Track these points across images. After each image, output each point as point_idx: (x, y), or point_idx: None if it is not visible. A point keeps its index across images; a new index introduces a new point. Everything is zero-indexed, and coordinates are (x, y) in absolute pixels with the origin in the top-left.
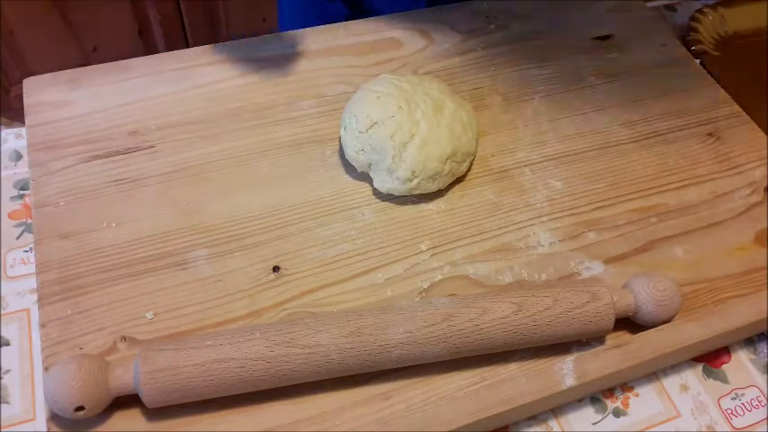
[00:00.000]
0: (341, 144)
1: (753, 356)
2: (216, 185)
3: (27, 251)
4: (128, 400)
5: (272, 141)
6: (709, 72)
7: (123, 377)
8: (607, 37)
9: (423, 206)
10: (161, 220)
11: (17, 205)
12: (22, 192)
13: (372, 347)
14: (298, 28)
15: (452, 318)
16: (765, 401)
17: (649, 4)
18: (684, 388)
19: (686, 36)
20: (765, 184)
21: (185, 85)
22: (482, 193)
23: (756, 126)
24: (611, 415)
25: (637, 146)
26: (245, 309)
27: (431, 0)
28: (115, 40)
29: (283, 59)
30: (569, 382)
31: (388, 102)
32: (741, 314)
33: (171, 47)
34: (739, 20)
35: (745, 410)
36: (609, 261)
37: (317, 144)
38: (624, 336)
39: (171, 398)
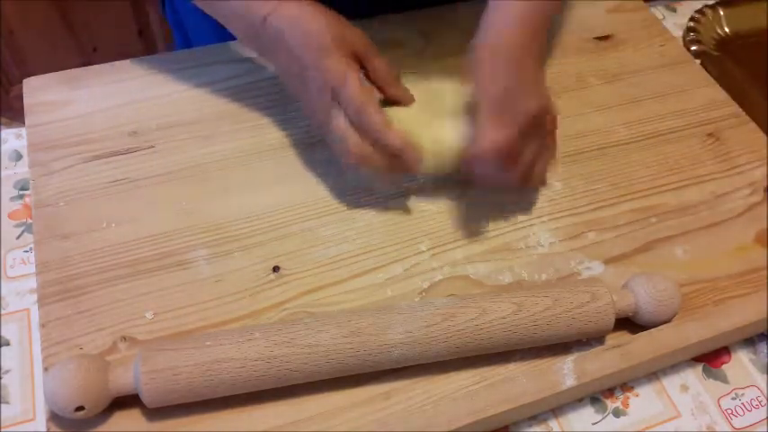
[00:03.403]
0: None
1: (753, 356)
2: (216, 185)
3: (27, 251)
4: (128, 400)
5: (272, 141)
6: (709, 72)
7: (123, 377)
8: (607, 37)
9: (423, 206)
10: (161, 220)
11: (17, 205)
12: (22, 192)
13: (372, 347)
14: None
15: (452, 318)
16: (765, 401)
17: (649, 4)
18: (684, 388)
19: (686, 36)
20: (765, 184)
21: (185, 86)
22: (482, 193)
23: (756, 126)
24: (611, 415)
25: (637, 146)
26: (245, 309)
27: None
28: (115, 40)
29: None
30: (569, 382)
31: None
32: (741, 314)
33: (171, 47)
34: (739, 20)
35: (745, 410)
36: (609, 261)
37: (316, 144)
38: (624, 336)
39: (171, 398)
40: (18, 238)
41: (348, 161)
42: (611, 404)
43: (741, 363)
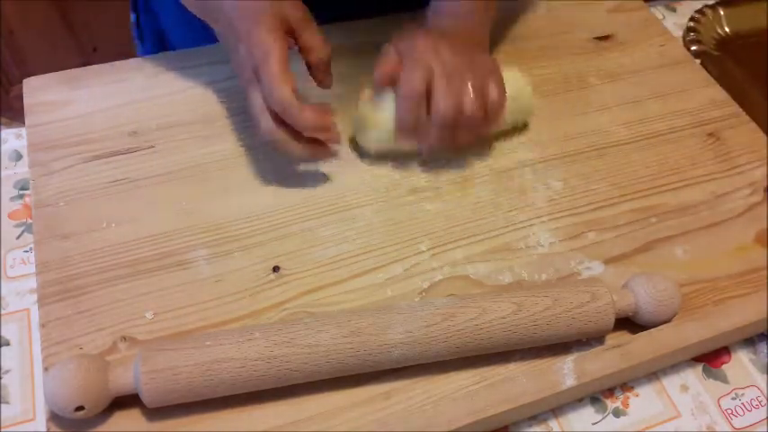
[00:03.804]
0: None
1: (753, 356)
2: (216, 185)
3: (27, 251)
4: (128, 400)
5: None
6: (709, 72)
7: (123, 377)
8: (607, 37)
9: (423, 206)
10: (161, 220)
11: (17, 205)
12: (22, 192)
13: (372, 347)
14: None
15: (452, 318)
16: (765, 401)
17: (649, 4)
18: (684, 388)
19: (686, 36)
20: (765, 184)
21: (185, 85)
22: (482, 193)
23: (756, 126)
24: (611, 415)
25: (637, 146)
26: (245, 309)
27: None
28: (115, 40)
29: None
30: (569, 382)
31: None
32: (741, 314)
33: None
34: (739, 20)
35: (745, 410)
36: (609, 261)
37: None
38: (624, 336)
39: (171, 398)
40: (18, 238)
41: (263, 140)
42: (611, 404)
43: (741, 363)
